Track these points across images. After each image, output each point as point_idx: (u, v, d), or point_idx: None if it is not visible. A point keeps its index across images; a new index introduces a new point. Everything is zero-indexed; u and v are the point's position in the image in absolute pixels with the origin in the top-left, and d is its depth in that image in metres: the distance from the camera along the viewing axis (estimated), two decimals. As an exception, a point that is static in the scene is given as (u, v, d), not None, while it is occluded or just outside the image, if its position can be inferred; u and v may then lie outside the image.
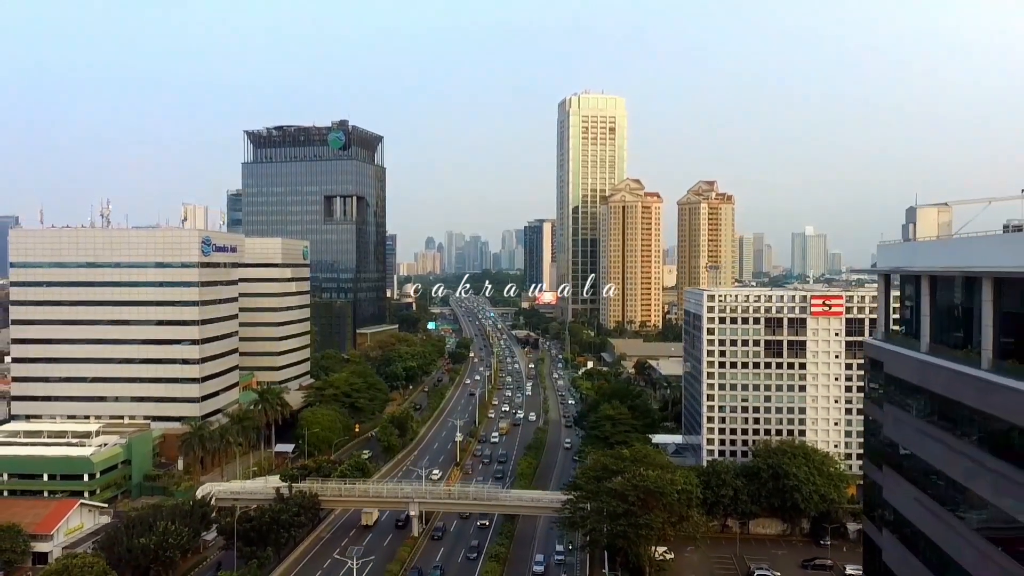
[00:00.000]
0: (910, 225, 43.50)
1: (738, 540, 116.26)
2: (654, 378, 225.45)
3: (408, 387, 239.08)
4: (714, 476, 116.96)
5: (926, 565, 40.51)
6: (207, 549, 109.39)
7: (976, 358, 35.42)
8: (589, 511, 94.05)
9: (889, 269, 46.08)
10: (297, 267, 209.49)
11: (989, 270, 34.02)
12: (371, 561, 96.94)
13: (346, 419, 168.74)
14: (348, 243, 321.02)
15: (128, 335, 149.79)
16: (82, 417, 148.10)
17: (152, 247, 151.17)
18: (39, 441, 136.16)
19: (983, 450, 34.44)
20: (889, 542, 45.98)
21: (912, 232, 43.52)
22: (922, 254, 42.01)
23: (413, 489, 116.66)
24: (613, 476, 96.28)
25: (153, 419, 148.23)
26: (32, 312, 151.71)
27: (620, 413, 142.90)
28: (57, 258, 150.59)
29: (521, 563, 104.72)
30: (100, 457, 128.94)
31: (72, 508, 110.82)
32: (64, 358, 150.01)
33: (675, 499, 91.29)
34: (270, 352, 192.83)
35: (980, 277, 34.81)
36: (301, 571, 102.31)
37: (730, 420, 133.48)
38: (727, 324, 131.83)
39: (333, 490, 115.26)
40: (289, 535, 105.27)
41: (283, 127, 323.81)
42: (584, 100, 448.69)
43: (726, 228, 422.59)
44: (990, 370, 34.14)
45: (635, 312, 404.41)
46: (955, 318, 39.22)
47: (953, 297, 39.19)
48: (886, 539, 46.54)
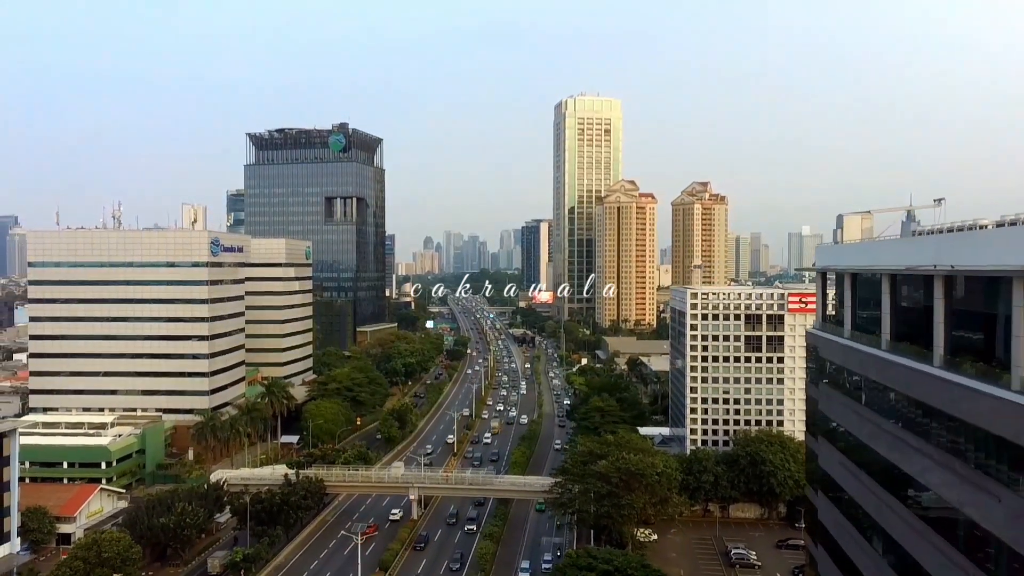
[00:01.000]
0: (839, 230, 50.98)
1: (718, 523, 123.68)
2: (644, 374, 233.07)
3: (407, 383, 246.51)
4: (696, 463, 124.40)
5: (847, 517, 48.01)
6: (220, 530, 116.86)
7: (878, 341, 43.00)
8: (576, 492, 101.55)
9: (823, 268, 53.63)
10: (300, 267, 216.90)
11: (886, 268, 41.60)
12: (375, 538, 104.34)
13: (348, 412, 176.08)
14: (348, 243, 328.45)
15: (140, 331, 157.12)
16: (96, 410, 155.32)
17: (163, 247, 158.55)
18: (57, 432, 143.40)
19: (882, 416, 41.96)
20: (823, 502, 53.54)
21: (840, 236, 50.98)
22: (845, 255, 49.58)
23: (412, 475, 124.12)
24: (599, 460, 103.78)
25: (164, 411, 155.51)
26: (49, 310, 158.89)
27: (609, 405, 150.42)
28: (73, 258, 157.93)
29: (514, 542, 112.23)
30: (117, 446, 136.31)
31: (93, 493, 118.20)
32: (79, 353, 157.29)
33: (656, 480, 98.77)
34: (274, 348, 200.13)
35: (881, 275, 42.40)
36: (308, 549, 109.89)
37: (712, 411, 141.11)
38: (709, 321, 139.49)
39: (337, 476, 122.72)
40: (297, 517, 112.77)
41: (284, 130, 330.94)
42: (580, 102, 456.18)
43: (719, 228, 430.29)
44: (887, 350, 41.69)
45: (630, 311, 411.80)
46: (869, 309, 46.73)
47: (866, 291, 46.73)
48: (820, 500, 54.12)
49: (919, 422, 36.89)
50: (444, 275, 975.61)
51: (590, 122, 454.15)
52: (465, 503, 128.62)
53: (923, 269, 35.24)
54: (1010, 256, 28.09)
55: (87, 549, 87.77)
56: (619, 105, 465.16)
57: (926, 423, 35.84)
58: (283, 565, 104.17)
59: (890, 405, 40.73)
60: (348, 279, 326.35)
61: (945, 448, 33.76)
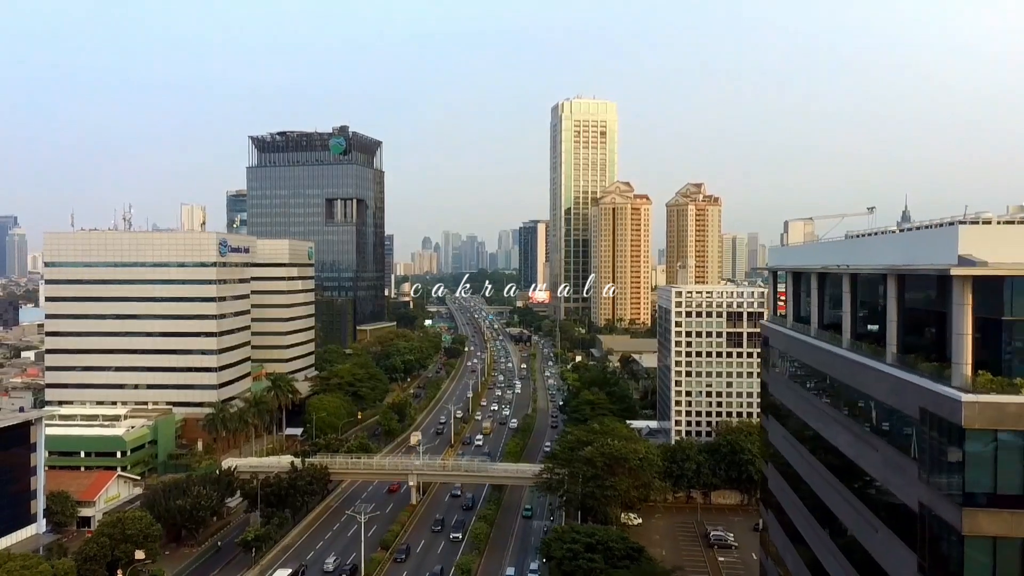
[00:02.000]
0: (784, 234, 58.59)
1: (700, 509, 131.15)
2: (636, 371, 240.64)
3: (406, 379, 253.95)
4: (680, 452, 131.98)
5: (789, 485, 55.57)
6: (230, 514, 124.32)
7: (809, 329, 50.59)
8: (564, 476, 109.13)
9: (772, 267, 61.20)
10: (303, 267, 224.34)
11: (814, 268, 49.18)
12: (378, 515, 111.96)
13: (350, 406, 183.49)
14: (348, 244, 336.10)
15: (152, 328, 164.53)
16: (109, 403, 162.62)
17: (174, 248, 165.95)
18: (74, 423, 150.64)
19: (811, 393, 49.52)
20: (771, 473, 61.13)
21: (786, 239, 58.62)
22: (787, 256, 57.14)
23: (412, 462, 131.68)
24: (585, 447, 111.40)
25: (174, 405, 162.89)
26: (64, 307, 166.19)
27: (599, 399, 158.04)
28: (87, 258, 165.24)
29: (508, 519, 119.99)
30: (131, 436, 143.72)
31: (111, 479, 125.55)
32: (93, 349, 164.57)
33: (638, 465, 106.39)
34: (278, 345, 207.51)
35: (810, 272, 50.00)
36: (314, 531, 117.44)
37: (696, 404, 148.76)
38: (693, 318, 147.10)
39: (341, 463, 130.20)
40: (303, 501, 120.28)
41: (286, 132, 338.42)
42: (577, 105, 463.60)
43: (712, 229, 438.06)
44: (814, 337, 49.27)
45: (625, 310, 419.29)
46: (805, 302, 54.30)
47: (802, 286, 54.30)
48: (770, 471, 61.72)
49: (833, 395, 44.47)
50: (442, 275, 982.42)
51: (586, 124, 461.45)
52: (452, 509, 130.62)
53: (833, 268, 42.79)
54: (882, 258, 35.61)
55: (112, 527, 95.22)
56: (614, 108, 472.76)
57: (837, 395, 43.43)
58: (291, 545, 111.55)
59: (816, 383, 48.28)
60: (348, 279, 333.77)
61: (848, 414, 41.35)
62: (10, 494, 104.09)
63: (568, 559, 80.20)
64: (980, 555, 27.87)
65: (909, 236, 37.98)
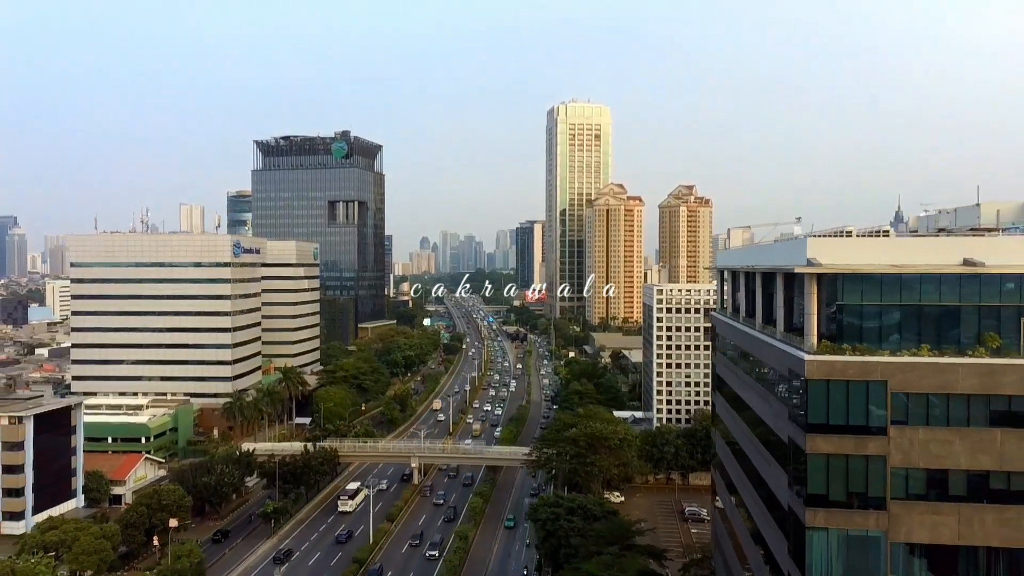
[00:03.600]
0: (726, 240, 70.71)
1: (678, 489, 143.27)
2: (624, 365, 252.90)
3: (406, 374, 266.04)
4: (660, 437, 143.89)
5: (726, 444, 67.73)
6: (248, 493, 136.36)
7: (737, 316, 62.76)
8: (551, 454, 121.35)
9: (718, 267, 73.43)
10: (309, 267, 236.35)
11: (739, 267, 61.33)
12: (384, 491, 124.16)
13: (354, 398, 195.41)
14: (350, 244, 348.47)
15: (170, 324, 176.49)
16: (131, 394, 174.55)
17: (191, 249, 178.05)
18: (99, 412, 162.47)
19: (738, 366, 61.64)
20: (717, 438, 73.36)
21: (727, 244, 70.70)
22: (727, 258, 69.30)
23: (414, 445, 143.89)
24: (570, 428, 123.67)
25: (191, 395, 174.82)
26: (89, 305, 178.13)
27: (587, 389, 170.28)
28: (110, 258, 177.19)
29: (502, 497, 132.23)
30: (154, 424, 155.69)
31: (139, 461, 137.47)
32: (116, 344, 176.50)
33: (617, 444, 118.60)
34: (286, 340, 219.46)
35: (736, 271, 62.18)
36: (325, 508, 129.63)
37: (676, 393, 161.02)
38: (672, 313, 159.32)
39: (349, 446, 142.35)
40: (315, 480, 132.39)
41: (290, 137, 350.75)
42: (572, 109, 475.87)
43: (704, 229, 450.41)
44: (741, 323, 61.41)
45: (618, 309, 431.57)
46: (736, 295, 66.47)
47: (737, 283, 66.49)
48: (716, 437, 73.95)
49: (749, 366, 56.63)
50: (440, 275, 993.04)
51: (581, 128, 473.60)
52: (451, 489, 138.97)
53: (743, 268, 54.96)
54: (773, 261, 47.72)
55: (149, 497, 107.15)
56: (608, 111, 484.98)
57: (751, 366, 55.59)
58: (304, 519, 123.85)
59: (741, 358, 60.47)
60: (350, 278, 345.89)
61: (756, 379, 53.52)
62: (55, 471, 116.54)
63: (551, 520, 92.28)
64: (818, 467, 40.01)
65: (786, 244, 50.03)
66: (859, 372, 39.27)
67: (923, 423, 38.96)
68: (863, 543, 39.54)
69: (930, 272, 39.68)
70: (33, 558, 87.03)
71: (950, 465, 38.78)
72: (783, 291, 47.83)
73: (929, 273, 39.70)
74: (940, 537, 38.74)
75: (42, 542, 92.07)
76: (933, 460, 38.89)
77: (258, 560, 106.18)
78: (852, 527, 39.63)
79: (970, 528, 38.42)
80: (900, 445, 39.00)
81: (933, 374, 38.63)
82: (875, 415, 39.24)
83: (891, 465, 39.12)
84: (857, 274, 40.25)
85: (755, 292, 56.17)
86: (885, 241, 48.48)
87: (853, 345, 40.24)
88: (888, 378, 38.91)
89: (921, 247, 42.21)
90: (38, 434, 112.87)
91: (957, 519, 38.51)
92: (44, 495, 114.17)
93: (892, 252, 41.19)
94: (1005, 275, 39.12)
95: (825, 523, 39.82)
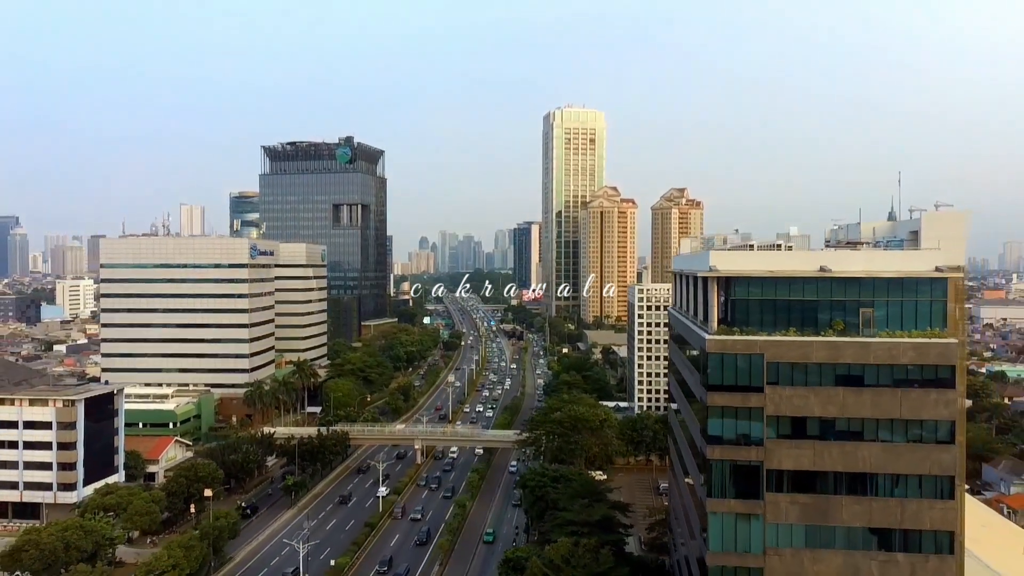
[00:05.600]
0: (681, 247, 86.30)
1: (655, 469, 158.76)
2: (613, 360, 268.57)
3: (408, 369, 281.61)
4: (639, 422, 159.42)
5: (674, 413, 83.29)
6: (268, 471, 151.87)
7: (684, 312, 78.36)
8: (539, 435, 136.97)
9: (673, 271, 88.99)
10: (317, 267, 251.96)
11: (682, 271, 76.90)
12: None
13: (361, 389, 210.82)
14: (353, 246, 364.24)
15: (192, 320, 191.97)
16: (156, 384, 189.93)
17: (211, 252, 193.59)
18: (129, 400, 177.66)
19: (681, 352, 77.15)
20: (671, 413, 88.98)
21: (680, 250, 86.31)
22: (679, 263, 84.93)
23: (418, 430, 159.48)
24: (556, 412, 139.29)
25: (212, 386, 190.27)
26: (117, 303, 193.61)
27: (575, 380, 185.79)
28: (137, 260, 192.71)
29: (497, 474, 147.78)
30: (180, 411, 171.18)
31: (170, 443, 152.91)
32: (141, 339, 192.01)
33: (597, 425, 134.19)
34: (297, 336, 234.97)
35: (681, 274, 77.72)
36: (338, 483, 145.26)
37: (655, 383, 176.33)
38: (652, 311, 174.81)
39: (358, 430, 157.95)
40: (328, 459, 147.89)
41: (296, 143, 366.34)
42: (567, 114, 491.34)
43: (695, 231, 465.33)
44: (682, 315, 76.96)
45: (612, 308, 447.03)
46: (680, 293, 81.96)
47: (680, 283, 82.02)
48: (670, 412, 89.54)
49: (684, 347, 72.14)
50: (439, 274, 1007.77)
51: (576, 132, 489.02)
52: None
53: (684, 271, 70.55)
54: (697, 266, 63.23)
55: (187, 470, 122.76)
56: (603, 116, 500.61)
57: (685, 347, 71.13)
58: (320, 493, 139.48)
59: (680, 342, 76.02)
60: (353, 278, 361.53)
61: (687, 357, 69.08)
62: (100, 449, 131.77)
63: (538, 487, 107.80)
64: (716, 417, 55.59)
65: (700, 255, 65.55)
66: (744, 347, 54.85)
67: (789, 384, 54.52)
68: (747, 469, 55.20)
69: (796, 276, 55.26)
70: (95, 517, 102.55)
71: (807, 413, 54.39)
72: (702, 289, 63.42)
73: (795, 276, 55.28)
74: (801, 464, 54.35)
75: (102, 504, 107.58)
76: (796, 410, 54.49)
77: (281, 526, 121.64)
78: (739, 458, 55.30)
79: (821, 458, 54.04)
80: (773, 399, 54.57)
81: (796, 348, 54.18)
82: (755, 378, 54.83)
83: (766, 414, 54.70)
84: (744, 276, 55.83)
85: (689, 290, 71.73)
86: (767, 253, 64.08)
87: (741, 328, 55.80)
88: (764, 352, 54.48)
89: (792, 258, 57.90)
90: (87, 416, 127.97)
91: (812, 452, 54.12)
92: (91, 470, 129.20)
93: (770, 261, 56.81)
94: (848, 278, 54.64)
95: (721, 456, 55.55)
